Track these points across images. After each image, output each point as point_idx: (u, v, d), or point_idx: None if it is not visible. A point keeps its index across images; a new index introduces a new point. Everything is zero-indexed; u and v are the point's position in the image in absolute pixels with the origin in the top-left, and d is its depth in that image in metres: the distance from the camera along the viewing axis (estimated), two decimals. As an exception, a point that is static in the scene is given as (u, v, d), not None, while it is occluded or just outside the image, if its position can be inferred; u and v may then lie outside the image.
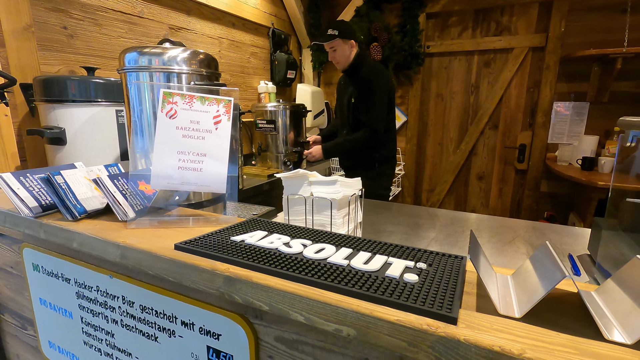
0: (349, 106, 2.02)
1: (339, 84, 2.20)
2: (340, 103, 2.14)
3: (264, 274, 0.53)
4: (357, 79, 1.98)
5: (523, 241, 1.13)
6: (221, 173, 0.78)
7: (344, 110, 2.09)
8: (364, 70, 1.96)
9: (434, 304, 0.44)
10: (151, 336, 0.84)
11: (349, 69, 1.99)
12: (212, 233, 0.70)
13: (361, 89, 1.95)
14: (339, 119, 2.21)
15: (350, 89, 2.01)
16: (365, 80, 1.94)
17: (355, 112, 1.99)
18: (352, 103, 1.99)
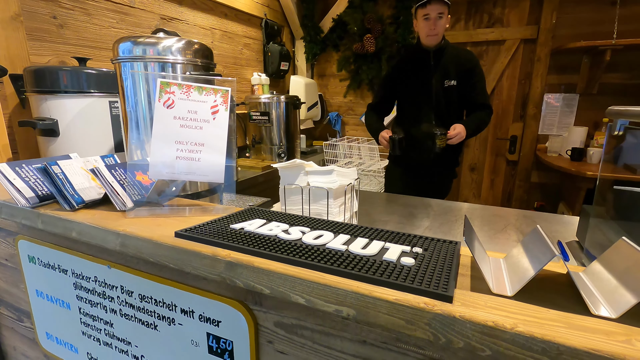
0: (442, 89, 1.79)
1: (399, 68, 1.91)
2: (413, 87, 1.85)
3: (264, 259, 0.54)
4: (458, 59, 1.77)
5: (514, 229, 1.16)
6: (219, 163, 0.78)
7: (426, 94, 1.81)
8: (462, 50, 1.83)
9: (430, 284, 0.46)
10: (150, 325, 0.85)
11: (439, 48, 1.77)
12: (212, 221, 0.71)
13: (469, 69, 1.76)
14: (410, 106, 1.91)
15: (441, 71, 1.78)
16: (472, 60, 1.78)
17: (454, 95, 1.78)
18: (450, 86, 1.78)
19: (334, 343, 0.57)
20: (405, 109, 1.97)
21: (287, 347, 0.64)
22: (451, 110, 1.82)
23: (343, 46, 3.17)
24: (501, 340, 0.38)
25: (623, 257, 0.46)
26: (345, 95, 3.34)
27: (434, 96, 1.80)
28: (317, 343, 0.59)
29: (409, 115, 1.92)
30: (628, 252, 0.45)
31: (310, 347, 0.60)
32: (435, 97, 1.80)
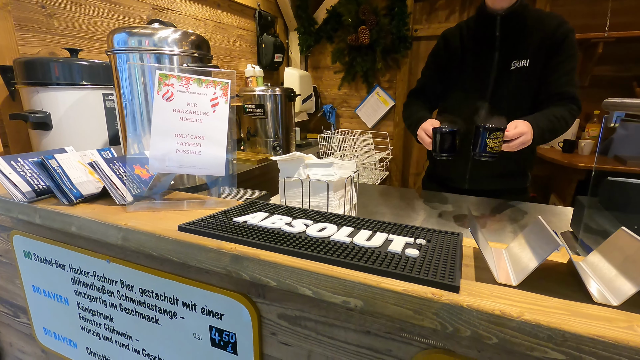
0: (507, 72, 1.26)
1: (455, 37, 1.37)
2: (466, 68, 1.35)
3: (270, 252, 0.54)
4: (538, 28, 1.23)
5: (509, 220, 1.18)
6: (220, 156, 0.78)
7: (483, 79, 1.31)
8: (546, 15, 1.25)
9: (436, 275, 0.46)
10: (152, 318, 0.84)
11: (510, 13, 1.21)
12: (214, 215, 0.70)
13: (553, 44, 1.20)
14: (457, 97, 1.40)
15: (509, 45, 1.26)
16: (559, 30, 1.20)
17: (525, 80, 1.25)
18: (519, 68, 1.24)
19: (338, 334, 0.58)
20: (450, 101, 1.43)
21: (290, 339, 0.64)
22: (518, 104, 1.27)
23: (337, 38, 3.15)
24: (508, 329, 0.39)
25: (622, 246, 0.47)
26: (339, 88, 3.33)
27: (491, 82, 1.28)
28: (321, 334, 0.60)
29: (452, 110, 1.39)
30: (627, 241, 0.46)
31: (314, 338, 0.61)
32: (495, 83, 1.28)
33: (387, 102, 3.17)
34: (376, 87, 3.18)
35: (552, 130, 1.16)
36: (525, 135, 1.04)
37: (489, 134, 0.98)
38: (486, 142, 0.99)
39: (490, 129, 0.97)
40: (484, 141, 0.99)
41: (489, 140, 0.98)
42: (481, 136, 1.00)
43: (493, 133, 0.97)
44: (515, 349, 0.39)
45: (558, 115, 1.16)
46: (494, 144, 0.99)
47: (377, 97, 3.20)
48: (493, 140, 0.98)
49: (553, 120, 1.15)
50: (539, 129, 1.11)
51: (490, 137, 0.98)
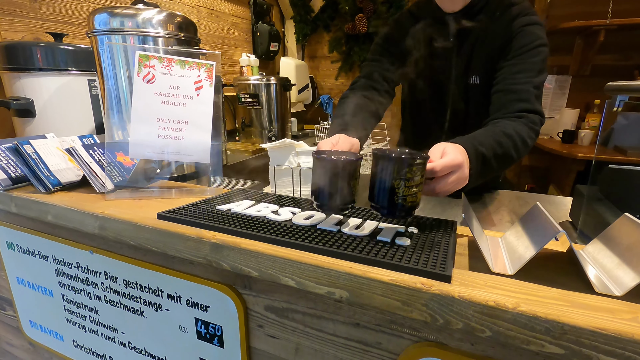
0: (464, 90, 1.06)
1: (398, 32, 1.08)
2: (418, 81, 1.11)
3: (252, 240, 0.51)
4: (499, 26, 0.97)
5: (507, 210, 1.15)
6: (204, 141, 0.74)
7: (439, 98, 1.10)
8: (512, 11, 0.97)
9: (427, 264, 0.43)
10: (137, 311, 0.82)
11: (466, 12, 0.99)
12: (197, 203, 0.67)
13: (505, 43, 0.96)
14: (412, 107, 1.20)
15: (466, 56, 1.03)
16: (524, 28, 0.94)
17: (480, 100, 1.02)
18: (473, 85, 1.04)
19: (326, 326, 0.55)
20: (409, 112, 1.22)
21: (278, 332, 0.61)
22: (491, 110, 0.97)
23: (334, 27, 3.09)
24: (502, 321, 0.36)
25: (626, 233, 0.44)
26: (336, 78, 3.28)
27: (449, 104, 1.07)
28: (309, 326, 0.57)
29: (410, 127, 1.20)
30: (631, 228, 0.43)
31: (302, 331, 0.58)
32: (453, 105, 1.07)
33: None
34: (374, 77, 3.13)
35: (503, 157, 0.77)
36: (460, 169, 0.62)
37: (399, 172, 0.50)
38: (394, 188, 0.50)
39: (401, 159, 0.49)
40: (387, 187, 0.51)
41: (399, 184, 0.50)
42: (384, 177, 0.51)
43: (407, 168, 0.49)
44: (510, 342, 0.36)
45: (510, 130, 0.80)
46: (409, 189, 0.50)
47: (375, 87, 3.15)
48: (406, 183, 0.50)
49: (502, 140, 0.78)
50: (479, 157, 0.70)
51: (400, 177, 0.50)
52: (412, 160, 0.49)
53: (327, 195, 0.53)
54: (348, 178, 0.53)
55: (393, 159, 0.50)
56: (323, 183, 0.53)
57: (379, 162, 0.51)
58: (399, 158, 0.49)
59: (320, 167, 0.53)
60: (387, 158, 0.50)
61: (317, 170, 0.54)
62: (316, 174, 0.54)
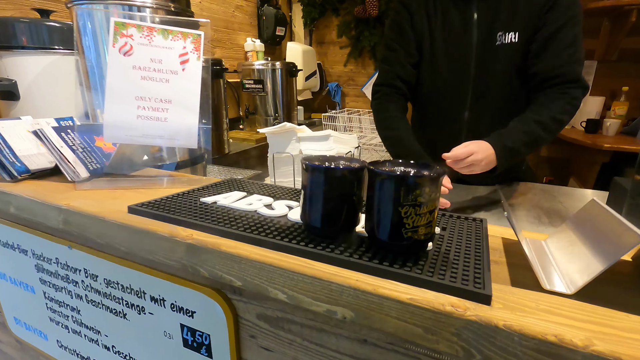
0: (491, 50, 0.94)
1: (408, 12, 1.02)
2: (435, 48, 1.00)
3: (236, 241, 0.42)
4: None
5: (532, 205, 1.04)
6: (191, 123, 0.65)
7: (459, 62, 0.98)
8: None
9: (457, 278, 0.33)
10: (119, 313, 0.74)
11: None
12: (179, 194, 0.58)
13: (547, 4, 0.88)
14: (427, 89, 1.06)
15: (490, 13, 0.93)
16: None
17: (515, 61, 0.94)
18: (506, 44, 0.93)
19: (328, 341, 0.46)
20: (420, 94, 1.08)
21: (272, 344, 0.52)
22: (510, 95, 0.97)
23: (343, 10, 2.94)
24: (567, 363, 0.26)
25: None
26: (345, 64, 3.14)
27: (472, 67, 0.96)
28: (308, 340, 0.48)
29: (423, 108, 1.09)
30: None
31: (300, 345, 0.49)
32: (477, 67, 0.96)
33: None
34: (384, 64, 2.99)
35: (531, 143, 0.86)
36: (475, 154, 0.76)
37: (406, 196, 0.35)
38: (400, 218, 0.36)
39: (408, 178, 0.36)
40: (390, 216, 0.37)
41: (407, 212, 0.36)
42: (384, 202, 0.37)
43: (417, 190, 0.35)
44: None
45: (545, 119, 0.86)
46: (421, 217, 0.36)
47: (385, 74, 3.01)
48: (417, 210, 0.36)
49: (533, 129, 0.85)
50: (505, 149, 0.81)
51: (409, 203, 0.35)
52: (424, 178, 0.34)
53: (327, 218, 0.40)
54: (353, 192, 0.40)
55: (396, 179, 0.35)
56: (320, 202, 0.39)
57: (377, 182, 0.36)
58: (405, 177, 0.34)
59: (315, 181, 0.39)
60: (388, 178, 0.35)
61: (312, 186, 0.40)
62: (310, 191, 0.40)
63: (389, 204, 0.36)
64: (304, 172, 0.40)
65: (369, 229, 0.39)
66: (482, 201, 1.02)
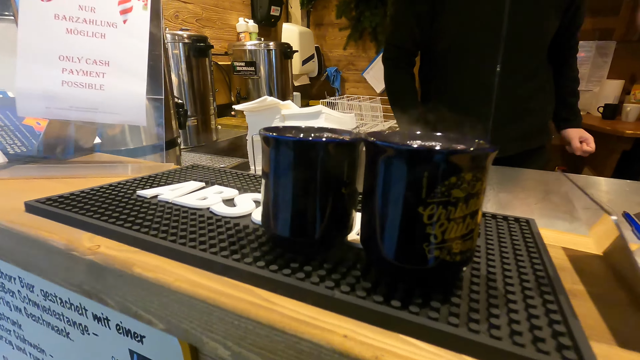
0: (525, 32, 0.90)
1: None
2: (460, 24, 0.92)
3: (161, 257, 0.27)
4: None
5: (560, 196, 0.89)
6: (137, 92, 0.49)
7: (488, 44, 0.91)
8: None
9: (523, 333, 0.18)
10: (62, 331, 0.59)
11: None
12: (114, 185, 0.43)
13: None
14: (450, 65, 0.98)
15: None
16: None
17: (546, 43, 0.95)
18: (543, 27, 0.92)
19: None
20: (438, 51, 0.99)
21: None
22: (539, 46, 0.94)
23: (343, -12, 2.76)
24: None
25: None
26: (345, 48, 2.96)
27: (507, 3, 0.87)
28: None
29: (441, 68, 0.99)
30: None
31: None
32: (506, 50, 0.90)
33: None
34: (386, 46, 2.81)
35: None
36: None
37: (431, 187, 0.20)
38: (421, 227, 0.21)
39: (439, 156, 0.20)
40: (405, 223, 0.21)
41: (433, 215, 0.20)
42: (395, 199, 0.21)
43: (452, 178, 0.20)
44: None
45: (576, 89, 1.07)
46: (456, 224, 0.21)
47: (387, 57, 2.83)
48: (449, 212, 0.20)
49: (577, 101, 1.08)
50: None
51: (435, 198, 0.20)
52: (464, 156, 0.20)
53: (299, 222, 0.25)
54: (341, 181, 0.25)
55: (415, 158, 0.20)
56: (288, 198, 0.25)
57: (382, 163, 0.21)
58: (430, 154, 0.20)
59: (279, 163, 0.25)
60: (402, 155, 0.20)
61: (275, 171, 0.25)
62: (273, 180, 0.25)
63: (401, 200, 0.21)
64: (264, 150, 0.25)
65: (367, 241, 0.24)
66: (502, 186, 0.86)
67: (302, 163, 0.24)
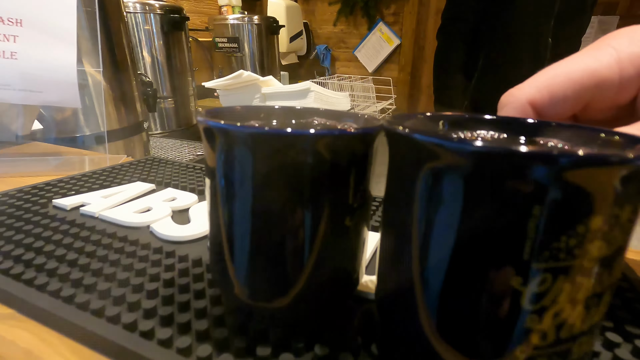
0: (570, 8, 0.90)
1: None
2: None
3: (46, 329, 0.16)
4: None
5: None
6: (65, 62, 0.37)
7: None
8: None
9: None
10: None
11: None
12: (31, 188, 0.31)
13: None
14: None
15: None
16: None
17: None
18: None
19: None
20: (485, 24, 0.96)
21: None
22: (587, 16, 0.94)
23: (333, -42, 2.57)
24: None
25: None
26: (335, 24, 2.80)
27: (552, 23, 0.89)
28: None
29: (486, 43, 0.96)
30: None
31: None
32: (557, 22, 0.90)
33: (392, 41, 2.66)
34: (379, 23, 2.66)
35: None
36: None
37: (549, 236, 0.09)
38: (516, 308, 0.10)
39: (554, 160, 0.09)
40: (484, 307, 0.10)
41: (545, 293, 0.10)
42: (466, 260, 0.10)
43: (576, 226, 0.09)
44: None
45: None
46: (567, 304, 0.10)
47: (380, 34, 2.69)
48: (569, 283, 0.10)
49: None
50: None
51: (550, 260, 0.09)
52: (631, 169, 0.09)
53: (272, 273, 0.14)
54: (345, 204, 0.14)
55: (525, 169, 0.09)
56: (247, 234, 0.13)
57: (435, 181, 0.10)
58: (567, 163, 0.08)
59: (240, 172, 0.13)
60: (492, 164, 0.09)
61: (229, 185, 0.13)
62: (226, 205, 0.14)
63: (477, 261, 0.10)
64: (205, 150, 0.14)
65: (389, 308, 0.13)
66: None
67: (272, 176, 0.13)
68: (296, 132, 0.12)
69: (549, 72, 0.15)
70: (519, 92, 0.15)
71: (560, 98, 0.14)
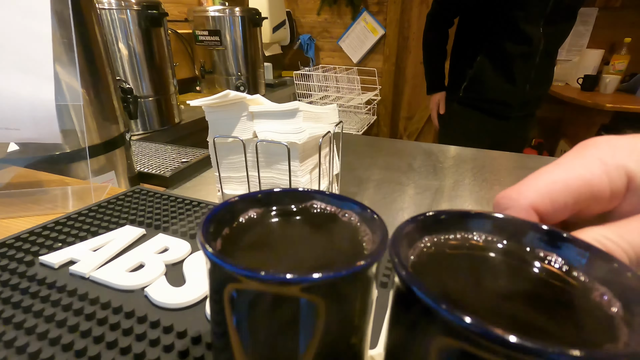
0: None
1: None
2: None
3: None
4: None
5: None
6: (43, 98, 0.35)
7: None
8: None
9: None
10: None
11: None
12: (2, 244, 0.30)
13: None
14: None
15: None
16: None
17: None
18: None
19: None
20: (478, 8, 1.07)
21: None
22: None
23: (315, -56, 2.50)
24: None
25: None
26: (318, 13, 2.75)
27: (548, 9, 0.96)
28: None
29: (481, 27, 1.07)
30: None
31: None
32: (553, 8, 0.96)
33: (376, 31, 2.64)
34: (363, 12, 2.63)
35: None
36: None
37: None
38: None
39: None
40: None
41: None
42: None
43: None
44: None
45: None
46: None
47: (364, 24, 2.66)
48: None
49: None
50: None
51: None
52: None
53: None
54: None
55: None
56: None
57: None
58: None
59: None
60: None
61: None
62: None
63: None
64: (212, 297, 0.14)
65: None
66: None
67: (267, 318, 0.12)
68: (285, 279, 0.11)
69: (544, 177, 0.15)
70: (519, 196, 0.15)
71: (561, 205, 0.15)
